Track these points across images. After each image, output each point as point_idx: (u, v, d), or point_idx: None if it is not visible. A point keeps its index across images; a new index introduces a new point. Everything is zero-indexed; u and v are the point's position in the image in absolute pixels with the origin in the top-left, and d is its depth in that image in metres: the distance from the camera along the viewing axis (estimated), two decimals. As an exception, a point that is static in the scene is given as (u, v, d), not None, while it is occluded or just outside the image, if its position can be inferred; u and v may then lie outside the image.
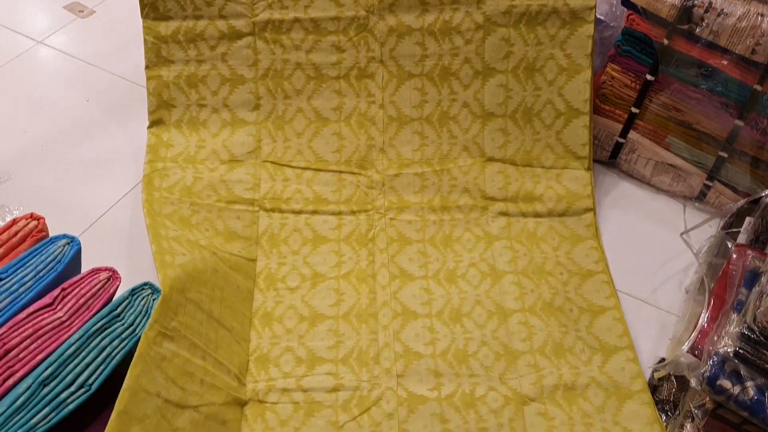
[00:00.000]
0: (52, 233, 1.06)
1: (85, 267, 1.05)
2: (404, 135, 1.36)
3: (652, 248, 1.31)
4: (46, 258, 1.00)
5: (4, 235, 1.02)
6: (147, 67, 1.35)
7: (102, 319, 0.94)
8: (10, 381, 0.88)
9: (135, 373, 0.90)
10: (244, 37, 1.34)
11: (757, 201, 1.21)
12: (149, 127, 1.36)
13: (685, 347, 0.92)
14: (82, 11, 1.83)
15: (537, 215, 1.32)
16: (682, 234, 1.20)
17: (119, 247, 1.30)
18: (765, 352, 0.83)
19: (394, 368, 1.12)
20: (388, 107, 1.35)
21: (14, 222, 1.04)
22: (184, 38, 1.33)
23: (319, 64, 1.34)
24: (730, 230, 1.21)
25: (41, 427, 0.86)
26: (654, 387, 1.10)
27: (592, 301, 1.20)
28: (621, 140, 1.39)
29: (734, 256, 1.02)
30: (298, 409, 1.08)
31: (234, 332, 1.13)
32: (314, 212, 1.33)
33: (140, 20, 1.69)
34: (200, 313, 1.07)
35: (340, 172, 1.36)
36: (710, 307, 0.97)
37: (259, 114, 1.36)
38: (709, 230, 1.30)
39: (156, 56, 1.34)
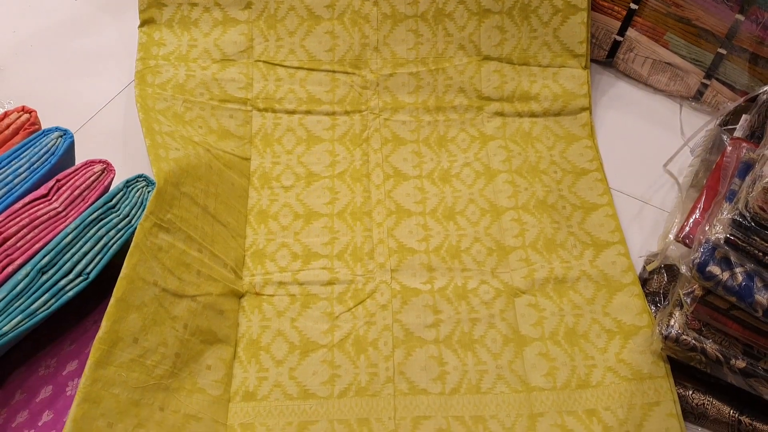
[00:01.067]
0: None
1: (82, 159, 1.04)
2: (399, 33, 1.33)
3: (648, 148, 1.31)
4: (40, 150, 1.00)
5: (-4, 128, 1.02)
6: None
7: (98, 209, 0.95)
8: (9, 268, 0.89)
9: (132, 263, 0.91)
10: None
11: (754, 99, 1.19)
12: (140, 26, 1.33)
13: (673, 233, 0.93)
14: None
15: (533, 115, 1.31)
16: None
17: (113, 144, 1.29)
18: (755, 237, 0.84)
19: (388, 263, 1.14)
20: (382, 4, 1.32)
21: (6, 115, 1.03)
22: None
23: None
24: (726, 127, 1.20)
25: (41, 312, 0.88)
26: (644, 280, 1.12)
27: (585, 198, 1.21)
28: (619, 38, 1.37)
29: (729, 148, 1.02)
30: (294, 301, 1.10)
31: (229, 228, 1.14)
32: (308, 112, 1.32)
33: None
34: (195, 207, 1.07)
35: (334, 71, 1.34)
36: (702, 198, 0.98)
37: (250, 12, 1.33)
38: (707, 122, 1.29)
39: None
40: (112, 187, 1.00)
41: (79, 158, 1.05)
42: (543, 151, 1.27)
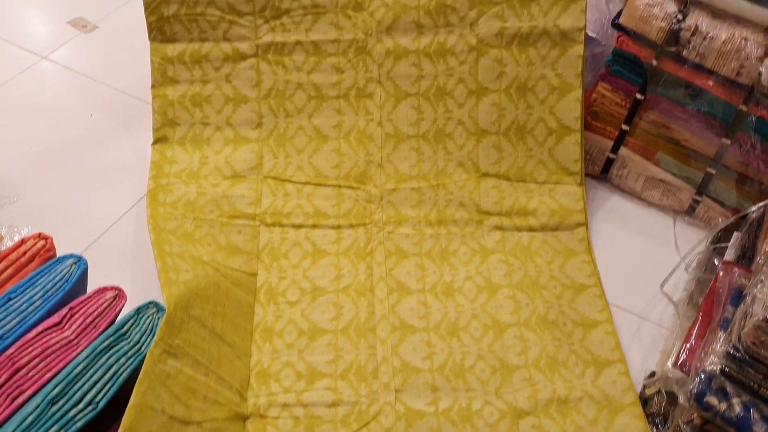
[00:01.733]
0: (58, 247, 1.08)
1: (92, 280, 1.08)
2: (401, 151, 1.39)
3: (644, 262, 1.34)
4: (54, 277, 1.03)
5: (13, 255, 1.05)
6: (153, 87, 1.38)
7: (109, 337, 0.97)
8: (20, 399, 0.90)
9: (141, 391, 0.93)
10: (247, 59, 1.38)
11: (745, 216, 1.24)
12: (153, 143, 1.39)
13: (670, 363, 0.95)
14: (86, 26, 1.85)
15: (531, 229, 1.35)
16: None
17: (124, 260, 1.33)
18: (750, 370, 0.87)
19: (392, 383, 1.15)
20: (386, 125, 1.39)
21: (23, 242, 1.07)
22: (189, 59, 1.38)
23: (319, 84, 1.38)
24: (718, 245, 1.24)
25: (51, 444, 0.89)
26: (645, 400, 1.13)
27: (585, 314, 1.23)
28: (612, 156, 1.42)
29: (721, 273, 1.05)
30: (299, 423, 1.11)
31: (235, 348, 1.16)
32: (314, 226, 1.36)
33: (142, 36, 1.72)
34: (203, 329, 1.10)
35: (340, 186, 1.39)
36: (698, 324, 1.00)
37: (261, 131, 1.39)
38: (699, 242, 1.33)
39: (162, 76, 1.38)
40: (123, 312, 1.02)
41: (92, 274, 1.08)
42: (542, 265, 1.31)
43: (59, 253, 1.09)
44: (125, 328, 0.99)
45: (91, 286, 1.07)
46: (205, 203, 1.34)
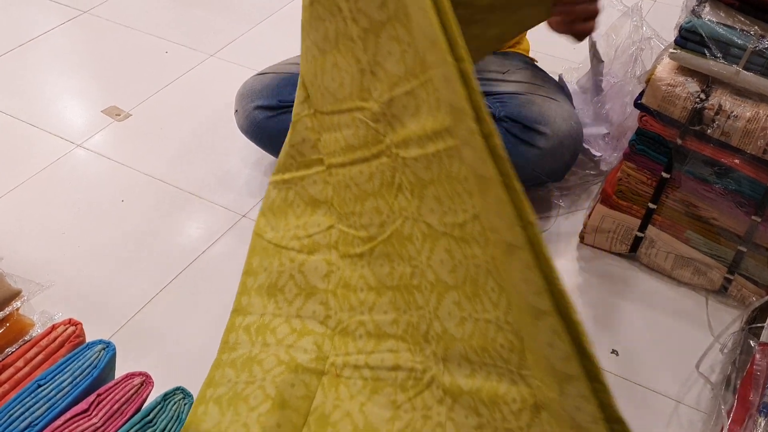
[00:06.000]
0: (87, 330, 1.09)
1: (119, 363, 1.08)
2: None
3: (677, 343, 1.31)
4: (83, 364, 1.03)
5: (44, 341, 1.06)
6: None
7: (135, 425, 0.96)
8: (46, 489, 0.90)
9: (166, 481, 0.92)
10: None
11: (779, 295, 1.21)
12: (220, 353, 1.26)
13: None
14: (119, 115, 1.92)
15: None
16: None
17: (151, 344, 1.34)
18: (793, 457, 0.83)
19: None
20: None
21: (53, 328, 1.08)
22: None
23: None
24: (753, 325, 1.21)
25: None
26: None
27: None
28: (640, 234, 1.41)
29: (758, 355, 1.02)
30: None
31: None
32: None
33: (173, 123, 1.80)
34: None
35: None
36: (735, 409, 0.97)
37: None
38: (733, 322, 1.30)
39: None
40: (150, 398, 1.02)
41: (119, 358, 1.08)
42: None
43: (89, 336, 1.09)
44: (151, 415, 0.99)
45: (119, 370, 1.08)
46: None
